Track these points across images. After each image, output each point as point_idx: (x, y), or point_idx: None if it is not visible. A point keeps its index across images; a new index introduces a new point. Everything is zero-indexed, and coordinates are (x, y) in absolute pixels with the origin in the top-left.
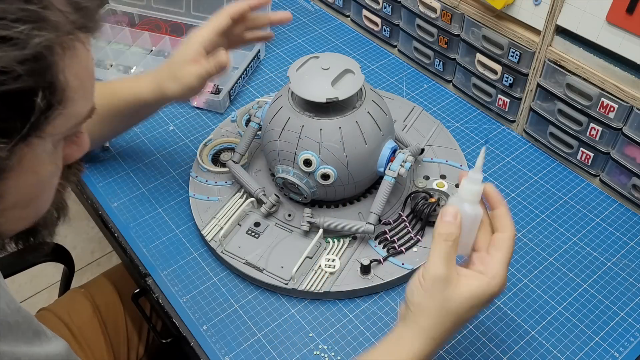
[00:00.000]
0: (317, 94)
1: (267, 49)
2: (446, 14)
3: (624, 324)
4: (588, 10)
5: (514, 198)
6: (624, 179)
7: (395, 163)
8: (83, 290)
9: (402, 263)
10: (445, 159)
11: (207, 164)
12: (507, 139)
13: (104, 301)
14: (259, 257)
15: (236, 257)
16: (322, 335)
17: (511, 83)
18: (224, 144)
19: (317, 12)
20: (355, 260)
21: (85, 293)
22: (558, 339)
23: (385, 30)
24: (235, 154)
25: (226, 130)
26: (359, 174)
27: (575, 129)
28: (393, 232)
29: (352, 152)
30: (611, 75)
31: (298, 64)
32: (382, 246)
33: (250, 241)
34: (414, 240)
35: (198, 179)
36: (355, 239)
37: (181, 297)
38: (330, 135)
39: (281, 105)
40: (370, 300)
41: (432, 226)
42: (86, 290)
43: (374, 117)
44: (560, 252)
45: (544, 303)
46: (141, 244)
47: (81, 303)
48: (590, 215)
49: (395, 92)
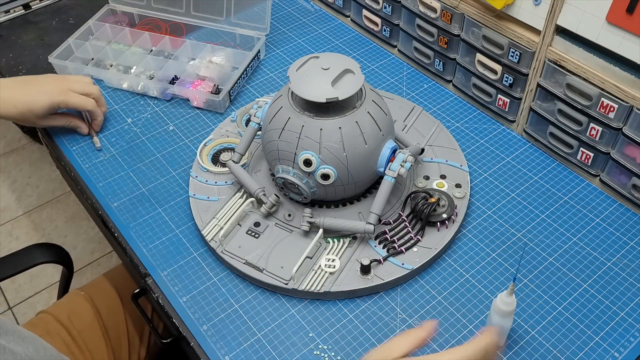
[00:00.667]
0: (317, 94)
1: (267, 49)
2: (446, 14)
3: (624, 324)
4: (588, 10)
5: (513, 198)
6: (624, 179)
7: (395, 163)
8: (83, 293)
9: (402, 263)
10: (445, 159)
11: (207, 164)
12: (507, 139)
13: (105, 304)
14: (259, 257)
15: (236, 257)
16: (322, 335)
17: (511, 83)
18: (224, 144)
19: (317, 12)
20: (355, 260)
21: (86, 295)
22: (558, 339)
23: (385, 30)
24: (235, 154)
25: (226, 130)
26: (359, 174)
27: (575, 129)
28: (393, 232)
29: (352, 152)
30: (611, 75)
31: (298, 64)
32: (382, 246)
33: (250, 241)
34: (414, 240)
35: (198, 179)
36: (355, 239)
37: (181, 297)
38: (330, 135)
39: (281, 105)
40: (370, 300)
41: (432, 226)
42: (86, 293)
43: (374, 117)
44: (560, 252)
45: (543, 303)
46: (141, 244)
47: (81, 306)
48: (590, 215)
49: (395, 92)
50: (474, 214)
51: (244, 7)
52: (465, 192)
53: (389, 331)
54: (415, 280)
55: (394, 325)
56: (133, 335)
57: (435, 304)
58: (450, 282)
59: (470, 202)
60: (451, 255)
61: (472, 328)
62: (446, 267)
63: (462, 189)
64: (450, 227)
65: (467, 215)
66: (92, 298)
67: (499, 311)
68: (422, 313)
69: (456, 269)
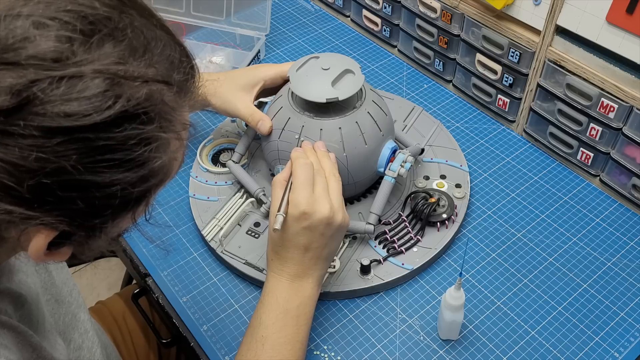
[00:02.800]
0: (317, 94)
1: (267, 49)
2: (446, 14)
3: (624, 324)
4: (588, 10)
5: (513, 198)
6: (624, 179)
7: (395, 163)
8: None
9: (402, 263)
10: (445, 159)
11: (206, 164)
12: (507, 139)
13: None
14: (259, 257)
15: (236, 257)
16: (322, 335)
17: (511, 83)
18: (224, 144)
19: (317, 12)
20: (355, 260)
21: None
22: (558, 339)
23: (385, 30)
24: (235, 154)
25: (226, 131)
26: (359, 174)
27: (575, 129)
28: (393, 232)
29: (352, 153)
30: (611, 75)
31: (298, 64)
32: (382, 246)
33: (250, 241)
34: (414, 240)
35: (198, 179)
36: (355, 239)
37: (181, 297)
38: (331, 135)
39: (281, 106)
40: (370, 301)
41: (432, 226)
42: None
43: (374, 117)
44: (560, 252)
45: (543, 303)
46: (141, 244)
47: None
48: (590, 215)
49: (395, 92)
50: (474, 214)
51: (244, 7)
52: (465, 192)
53: (389, 331)
54: (415, 281)
55: (394, 325)
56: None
57: (435, 304)
58: (450, 282)
59: (470, 202)
60: (451, 255)
61: (472, 328)
62: (446, 267)
63: (462, 189)
64: (450, 227)
65: (467, 215)
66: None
67: (449, 306)
68: (422, 313)
69: (456, 269)
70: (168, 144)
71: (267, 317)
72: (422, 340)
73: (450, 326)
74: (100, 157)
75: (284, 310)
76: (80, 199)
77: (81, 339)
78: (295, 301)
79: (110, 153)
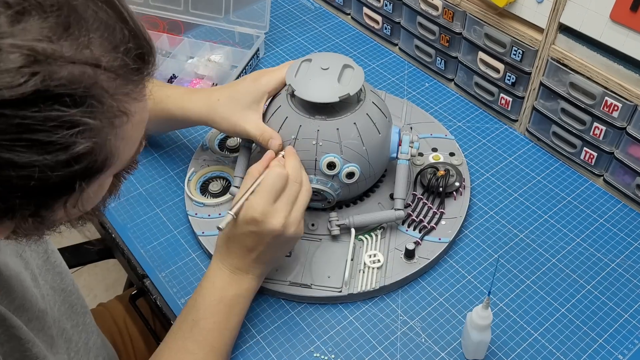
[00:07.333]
0: (328, 95)
1: (266, 48)
2: (448, 11)
3: (628, 325)
4: (592, 7)
5: (516, 198)
6: (628, 178)
7: (404, 145)
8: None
9: (439, 238)
10: (429, 132)
11: (200, 198)
12: (509, 138)
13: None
14: (300, 274)
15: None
16: (322, 337)
17: (514, 82)
18: (207, 174)
19: (317, 9)
20: (394, 249)
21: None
22: (561, 341)
23: (386, 28)
24: (235, 179)
25: (203, 160)
26: (377, 164)
27: (579, 128)
28: (416, 212)
29: (370, 144)
30: (615, 74)
31: (294, 71)
32: (412, 228)
33: (284, 261)
34: (438, 214)
35: (199, 216)
36: (384, 229)
37: (179, 298)
38: (348, 132)
39: (286, 116)
40: (370, 302)
41: (449, 197)
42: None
43: (378, 106)
44: (564, 252)
45: (547, 305)
46: (139, 245)
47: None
48: (593, 215)
49: (396, 90)
50: (475, 214)
51: (243, 5)
52: (462, 159)
53: (390, 333)
54: (416, 282)
55: (395, 328)
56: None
57: (436, 305)
58: (452, 284)
59: (472, 203)
60: (452, 256)
61: None
62: (447, 268)
63: (457, 156)
64: (465, 193)
65: (468, 215)
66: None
67: (475, 326)
68: (424, 315)
69: (458, 270)
70: (99, 130)
71: (202, 301)
72: (423, 342)
73: (477, 346)
74: (17, 135)
75: (219, 297)
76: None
77: (85, 341)
78: (232, 290)
79: (28, 133)
